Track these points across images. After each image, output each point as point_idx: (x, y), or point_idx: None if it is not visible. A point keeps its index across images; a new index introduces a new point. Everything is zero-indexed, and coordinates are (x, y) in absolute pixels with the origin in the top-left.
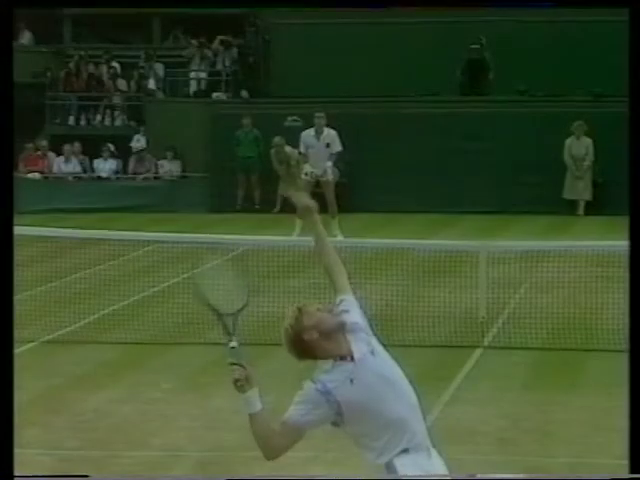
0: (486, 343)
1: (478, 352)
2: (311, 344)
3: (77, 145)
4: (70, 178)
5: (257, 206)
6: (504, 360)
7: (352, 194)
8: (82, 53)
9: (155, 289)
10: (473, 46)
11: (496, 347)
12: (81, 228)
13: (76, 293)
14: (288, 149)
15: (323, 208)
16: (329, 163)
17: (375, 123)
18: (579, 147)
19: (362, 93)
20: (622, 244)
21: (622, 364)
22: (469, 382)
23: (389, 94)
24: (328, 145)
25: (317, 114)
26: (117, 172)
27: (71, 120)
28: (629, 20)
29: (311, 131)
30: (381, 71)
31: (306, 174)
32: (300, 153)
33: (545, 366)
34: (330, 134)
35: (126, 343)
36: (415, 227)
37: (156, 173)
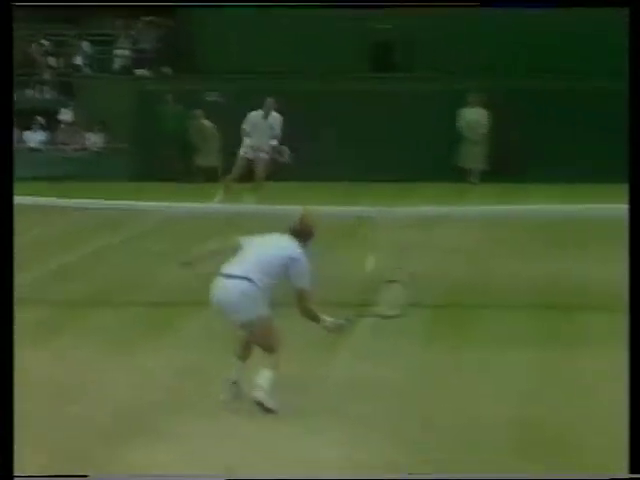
0: None
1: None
2: None
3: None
4: None
5: (177, 176)
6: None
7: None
8: (14, 33)
9: (77, 254)
10: (380, 29)
11: None
12: None
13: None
14: (206, 122)
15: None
16: (274, 142)
17: (292, 99)
18: (473, 115)
19: (279, 71)
20: (514, 208)
21: (514, 320)
22: (368, 337)
23: (304, 72)
24: (272, 127)
25: (268, 99)
26: (46, 143)
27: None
28: (629, 20)
29: (259, 113)
30: (298, 52)
31: (245, 152)
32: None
33: (440, 322)
34: (275, 117)
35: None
36: (329, 196)
37: (83, 145)
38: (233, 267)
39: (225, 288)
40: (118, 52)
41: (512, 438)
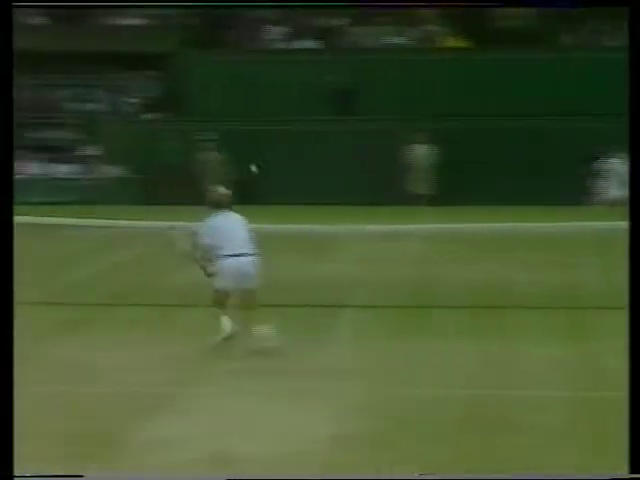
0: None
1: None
2: None
3: (40, 153)
4: (34, 178)
5: (182, 200)
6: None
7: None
8: (42, 82)
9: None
10: (336, 78)
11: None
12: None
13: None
14: (213, 154)
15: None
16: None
17: (269, 136)
18: (420, 150)
19: (258, 114)
20: (455, 226)
21: (458, 317)
22: (347, 330)
23: (276, 115)
24: None
25: None
26: (72, 173)
27: (35, 134)
28: (629, 20)
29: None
30: (270, 98)
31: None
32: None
33: (400, 319)
34: None
35: None
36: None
37: (100, 175)
38: (237, 247)
39: (242, 263)
40: (128, 100)
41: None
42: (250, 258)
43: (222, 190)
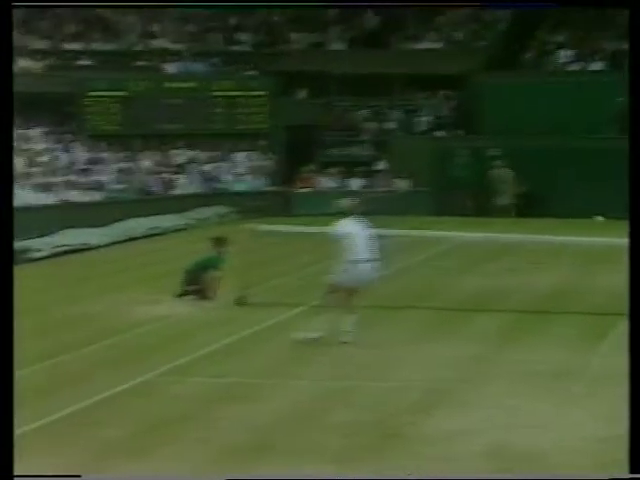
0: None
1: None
2: None
3: (336, 168)
4: (331, 191)
5: (469, 212)
6: None
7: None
8: (343, 103)
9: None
10: (622, 99)
11: None
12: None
13: None
14: (504, 170)
15: None
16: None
17: (552, 153)
18: None
19: (543, 131)
20: None
21: None
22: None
23: (561, 132)
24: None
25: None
26: (364, 187)
27: (333, 150)
28: (629, 20)
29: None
30: (554, 115)
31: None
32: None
33: None
34: None
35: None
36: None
37: (393, 188)
38: (365, 254)
39: (369, 270)
40: (421, 118)
41: None
42: (375, 264)
43: (347, 200)
